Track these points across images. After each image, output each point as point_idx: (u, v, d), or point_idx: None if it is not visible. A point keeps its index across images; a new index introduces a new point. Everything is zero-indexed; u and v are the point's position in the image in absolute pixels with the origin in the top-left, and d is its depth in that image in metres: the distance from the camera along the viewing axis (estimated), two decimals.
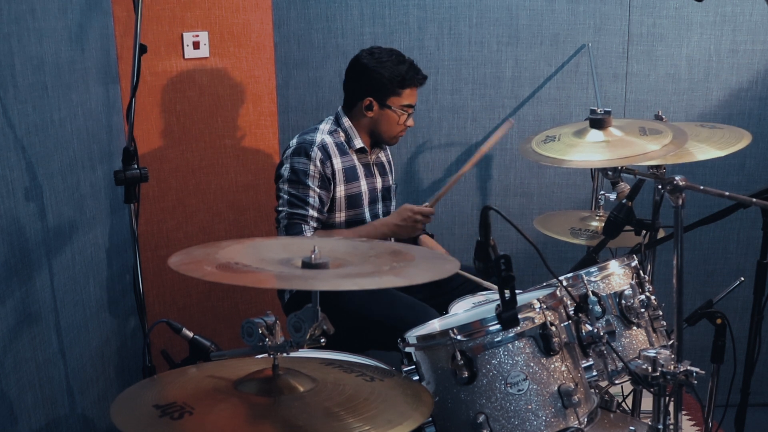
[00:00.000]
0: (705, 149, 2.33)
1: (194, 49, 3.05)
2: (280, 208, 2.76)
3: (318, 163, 2.72)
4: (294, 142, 2.79)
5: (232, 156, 3.21)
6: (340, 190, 2.78)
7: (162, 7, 2.97)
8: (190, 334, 1.93)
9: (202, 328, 2.38)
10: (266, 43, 3.19)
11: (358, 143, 2.83)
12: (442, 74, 3.36)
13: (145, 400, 1.48)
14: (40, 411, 2.07)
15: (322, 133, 2.79)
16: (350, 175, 2.81)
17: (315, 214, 2.73)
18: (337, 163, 2.77)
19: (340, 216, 2.81)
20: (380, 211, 2.94)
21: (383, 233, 2.78)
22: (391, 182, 3.01)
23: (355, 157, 2.84)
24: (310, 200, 2.72)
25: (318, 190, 2.72)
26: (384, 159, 3.00)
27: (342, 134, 2.83)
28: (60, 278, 2.23)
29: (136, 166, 2.11)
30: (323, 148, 2.74)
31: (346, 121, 2.84)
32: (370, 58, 2.78)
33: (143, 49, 2.15)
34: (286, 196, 2.74)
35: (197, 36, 3.05)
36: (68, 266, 2.30)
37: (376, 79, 2.76)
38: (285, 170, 2.75)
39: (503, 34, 3.34)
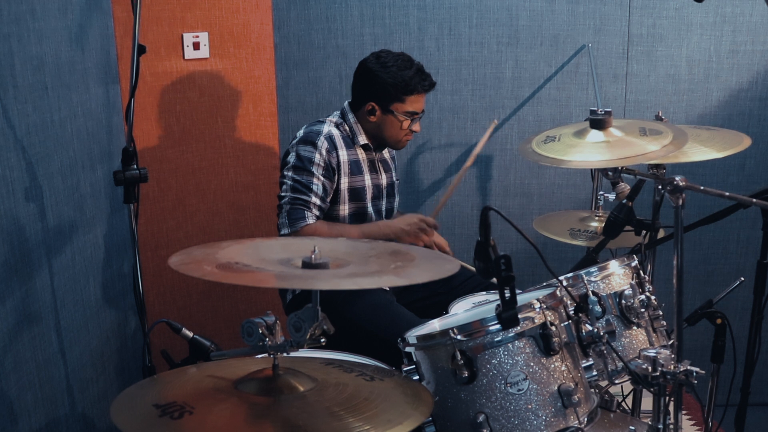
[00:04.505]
0: (705, 151, 2.34)
1: (194, 49, 3.05)
2: (282, 194, 2.76)
3: (324, 152, 2.72)
4: (301, 132, 2.80)
5: (232, 156, 3.22)
6: (344, 182, 2.78)
7: (162, 8, 2.97)
8: (190, 334, 1.93)
9: (202, 328, 2.38)
10: (266, 44, 3.19)
11: (362, 140, 2.84)
12: (442, 75, 3.36)
13: (145, 400, 1.48)
14: (40, 411, 2.07)
15: (330, 125, 2.80)
16: (354, 169, 2.81)
17: (318, 202, 2.72)
18: (343, 154, 2.77)
19: (344, 209, 2.81)
20: (383, 207, 2.94)
21: (386, 234, 2.76)
22: (394, 178, 3.01)
23: (360, 151, 2.84)
24: (314, 187, 2.71)
25: (322, 178, 2.72)
26: (387, 155, 3.00)
27: (347, 128, 2.83)
28: (60, 278, 2.23)
29: (135, 166, 2.10)
30: (330, 138, 2.75)
31: (352, 118, 2.84)
32: (375, 63, 2.75)
33: (142, 50, 2.15)
34: (289, 182, 2.74)
35: (197, 37, 3.05)
36: (68, 266, 2.30)
37: (379, 85, 2.73)
38: (291, 158, 2.76)
39: (503, 34, 3.34)
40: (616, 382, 2.07)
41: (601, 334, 1.90)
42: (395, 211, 3.03)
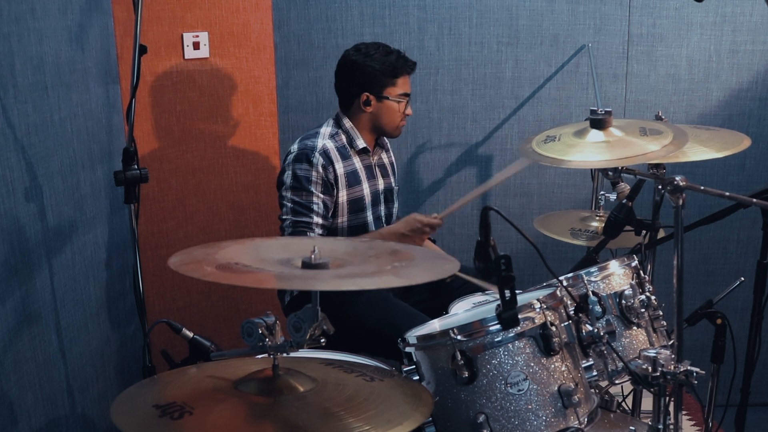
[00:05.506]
0: (705, 151, 2.33)
1: (194, 49, 3.05)
2: (284, 217, 2.73)
3: (320, 169, 2.70)
4: (295, 147, 2.77)
5: (232, 156, 3.22)
6: (343, 195, 2.77)
7: (162, 8, 2.97)
8: (190, 334, 1.93)
9: (202, 328, 2.38)
10: (266, 44, 3.19)
11: (361, 143, 2.82)
12: (442, 74, 3.36)
13: (145, 400, 1.48)
14: (40, 411, 2.07)
15: (323, 138, 2.77)
16: (352, 180, 2.79)
17: (320, 221, 2.70)
18: (339, 168, 2.75)
19: (342, 221, 2.80)
20: (382, 213, 2.93)
21: (389, 240, 2.76)
22: (393, 184, 2.99)
23: (357, 159, 2.82)
24: (314, 207, 2.69)
25: (322, 195, 2.70)
26: (386, 161, 2.98)
27: (344, 136, 2.81)
28: (60, 278, 2.23)
29: (136, 166, 2.11)
30: (325, 153, 2.72)
31: (347, 122, 2.82)
32: (358, 54, 2.77)
33: (143, 50, 2.15)
34: (289, 204, 2.71)
35: (197, 36, 3.05)
36: (68, 266, 2.30)
37: (368, 73, 2.74)
38: (287, 177, 2.73)
39: (503, 34, 3.34)
40: (617, 382, 2.07)
41: (601, 334, 1.90)
42: (395, 217, 3.02)
